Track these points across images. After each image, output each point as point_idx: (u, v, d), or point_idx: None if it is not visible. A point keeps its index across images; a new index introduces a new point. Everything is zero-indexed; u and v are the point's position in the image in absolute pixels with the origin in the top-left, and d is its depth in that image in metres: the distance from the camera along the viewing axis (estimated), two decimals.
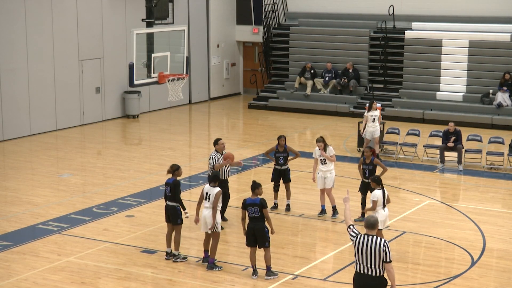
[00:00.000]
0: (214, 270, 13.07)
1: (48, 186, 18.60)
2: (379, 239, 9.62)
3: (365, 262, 9.62)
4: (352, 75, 28.24)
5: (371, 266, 9.59)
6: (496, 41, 26.79)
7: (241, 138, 25.30)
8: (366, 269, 9.62)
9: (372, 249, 9.56)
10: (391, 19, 28.98)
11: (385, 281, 9.69)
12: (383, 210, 13.53)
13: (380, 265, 9.59)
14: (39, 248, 14.17)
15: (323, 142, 15.91)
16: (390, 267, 9.65)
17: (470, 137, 21.46)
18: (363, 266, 9.64)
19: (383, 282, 9.68)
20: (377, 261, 9.57)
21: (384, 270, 9.63)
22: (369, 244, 9.58)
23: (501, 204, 17.77)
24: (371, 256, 9.58)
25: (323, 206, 16.14)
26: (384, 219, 13.51)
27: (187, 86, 29.58)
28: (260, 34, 31.53)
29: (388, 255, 9.59)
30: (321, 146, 15.85)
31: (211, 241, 13.12)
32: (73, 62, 25.62)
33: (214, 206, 12.94)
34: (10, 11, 23.38)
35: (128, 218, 16.09)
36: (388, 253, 9.59)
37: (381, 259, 9.57)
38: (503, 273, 13.23)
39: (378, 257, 9.56)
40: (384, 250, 9.57)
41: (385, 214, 13.58)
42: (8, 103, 23.51)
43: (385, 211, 13.58)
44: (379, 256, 9.56)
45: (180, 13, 29.10)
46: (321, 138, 15.97)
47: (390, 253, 9.61)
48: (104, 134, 25.45)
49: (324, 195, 16.09)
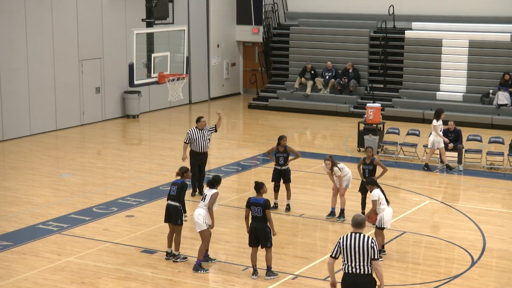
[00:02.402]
0: (200, 272, 13.02)
1: (48, 186, 18.60)
2: (366, 236, 9.58)
3: (353, 260, 9.55)
4: (352, 75, 28.24)
5: (360, 264, 9.54)
6: (496, 41, 26.79)
7: (241, 138, 25.31)
8: (354, 268, 9.57)
9: (360, 246, 9.52)
10: (391, 19, 28.98)
11: (374, 279, 9.66)
12: (388, 207, 13.49)
13: (369, 262, 9.54)
14: (39, 248, 14.17)
15: (331, 161, 15.58)
16: (378, 264, 9.61)
17: (470, 137, 21.47)
18: (351, 265, 9.58)
19: (372, 280, 9.63)
20: (365, 258, 9.52)
21: (372, 268, 9.60)
22: (356, 241, 9.54)
23: (501, 204, 17.77)
24: (359, 254, 9.52)
25: (333, 209, 16.02)
26: (389, 218, 13.46)
27: (187, 86, 29.59)
28: (260, 34, 31.53)
29: (376, 252, 9.55)
30: (328, 165, 15.64)
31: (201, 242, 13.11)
32: (73, 62, 25.62)
33: (210, 207, 12.95)
34: (10, 11, 23.38)
35: (128, 218, 16.09)
36: (376, 250, 9.55)
37: (369, 256, 9.53)
38: (503, 273, 13.23)
39: (366, 254, 9.51)
40: (372, 247, 9.53)
41: (390, 212, 13.54)
42: (8, 103, 23.51)
43: (390, 209, 13.54)
44: (367, 253, 9.52)
45: (180, 13, 29.10)
46: (329, 158, 15.64)
47: (377, 250, 9.58)
48: (104, 134, 25.46)
49: (336, 197, 15.96)
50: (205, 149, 17.39)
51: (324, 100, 28.53)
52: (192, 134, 17.32)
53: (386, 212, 13.43)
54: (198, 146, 17.30)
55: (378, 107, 22.25)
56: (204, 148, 17.34)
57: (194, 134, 17.32)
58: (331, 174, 15.74)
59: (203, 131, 17.36)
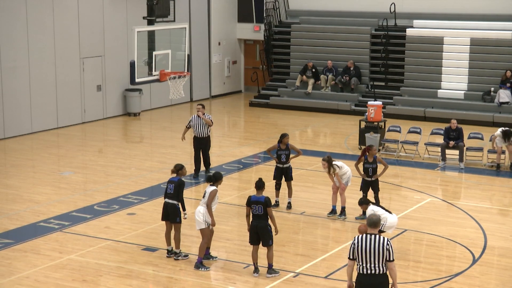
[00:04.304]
0: (201, 270, 13.03)
1: (50, 184, 18.61)
2: (382, 238, 9.58)
3: (368, 261, 9.55)
4: (353, 73, 28.22)
5: (375, 265, 9.54)
6: (498, 39, 26.76)
7: (242, 136, 25.31)
8: (369, 269, 9.56)
9: (375, 248, 9.51)
10: (393, 17, 28.95)
11: (388, 278, 9.67)
12: (391, 215, 13.40)
13: (383, 263, 9.56)
14: (41, 246, 14.18)
15: (327, 162, 15.58)
16: (393, 265, 9.61)
17: (471, 135, 21.47)
18: (366, 266, 9.57)
19: (386, 280, 9.65)
20: (380, 259, 9.53)
21: (386, 268, 9.61)
22: (372, 243, 9.53)
23: (502, 202, 17.76)
24: (374, 255, 9.52)
25: (334, 207, 16.03)
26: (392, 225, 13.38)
27: (188, 84, 29.57)
28: (262, 32, 31.52)
29: (391, 254, 9.56)
30: (324, 165, 15.65)
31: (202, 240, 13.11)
32: (75, 60, 25.62)
33: (208, 204, 12.94)
34: (12, 9, 23.38)
35: (129, 216, 16.10)
36: (391, 252, 9.56)
37: (384, 257, 9.54)
38: (504, 271, 13.22)
39: (381, 256, 9.51)
40: (388, 249, 9.53)
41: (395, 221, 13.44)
42: (10, 101, 23.51)
43: (394, 217, 13.47)
44: (383, 255, 9.52)
45: (181, 10, 29.07)
46: (326, 158, 15.65)
47: (393, 252, 9.59)
48: (105, 132, 25.46)
49: (336, 195, 15.98)
50: (205, 134, 18.76)
51: (325, 98, 28.52)
52: (194, 120, 18.70)
53: (390, 219, 13.32)
54: (199, 131, 18.69)
55: (380, 105, 22.25)
56: (204, 134, 18.72)
57: (194, 120, 18.69)
58: (329, 174, 15.75)
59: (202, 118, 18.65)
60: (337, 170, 15.61)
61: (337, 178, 15.70)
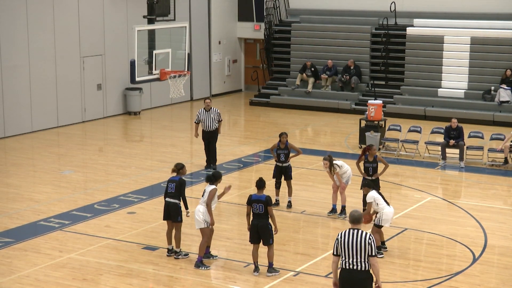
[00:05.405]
0: (201, 268, 13.02)
1: (50, 182, 18.61)
2: (364, 232, 9.60)
3: (351, 256, 9.56)
4: (354, 72, 28.22)
5: (357, 260, 9.55)
6: (498, 38, 26.75)
7: (243, 135, 25.31)
8: (352, 264, 9.58)
9: (357, 242, 9.53)
10: (393, 16, 28.94)
11: (371, 275, 9.67)
12: (388, 207, 13.46)
13: (366, 259, 9.56)
14: (41, 245, 14.18)
15: (329, 161, 15.58)
16: (375, 261, 9.63)
17: (471, 134, 21.46)
18: (348, 261, 9.58)
19: (369, 277, 9.65)
20: (363, 254, 9.54)
21: (369, 265, 9.61)
22: (354, 237, 9.56)
23: (503, 201, 17.77)
24: (356, 250, 9.54)
25: (334, 205, 16.03)
26: (389, 217, 13.42)
27: (188, 83, 29.56)
28: (262, 31, 31.51)
29: (374, 249, 9.57)
30: (326, 165, 15.66)
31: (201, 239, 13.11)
32: (75, 59, 25.62)
33: (208, 203, 12.94)
34: (12, 8, 23.38)
35: (129, 215, 16.10)
36: (374, 246, 9.57)
37: (367, 252, 9.54)
38: (505, 270, 13.23)
39: (363, 250, 9.53)
40: (370, 243, 9.55)
41: (391, 212, 13.48)
42: (10, 100, 23.52)
43: (390, 209, 13.50)
44: (365, 249, 9.53)
45: (181, 9, 29.06)
46: (328, 157, 15.65)
47: (375, 247, 9.59)
48: (106, 131, 25.46)
49: (337, 194, 15.98)
50: (212, 127, 19.12)
51: (325, 97, 28.52)
52: (200, 114, 19.17)
53: (386, 211, 13.39)
54: (206, 125, 19.11)
55: (380, 104, 22.24)
56: (211, 127, 19.10)
57: (201, 114, 19.15)
58: (330, 173, 15.76)
59: (209, 112, 19.09)
60: (338, 169, 15.62)
61: (338, 177, 15.71)
